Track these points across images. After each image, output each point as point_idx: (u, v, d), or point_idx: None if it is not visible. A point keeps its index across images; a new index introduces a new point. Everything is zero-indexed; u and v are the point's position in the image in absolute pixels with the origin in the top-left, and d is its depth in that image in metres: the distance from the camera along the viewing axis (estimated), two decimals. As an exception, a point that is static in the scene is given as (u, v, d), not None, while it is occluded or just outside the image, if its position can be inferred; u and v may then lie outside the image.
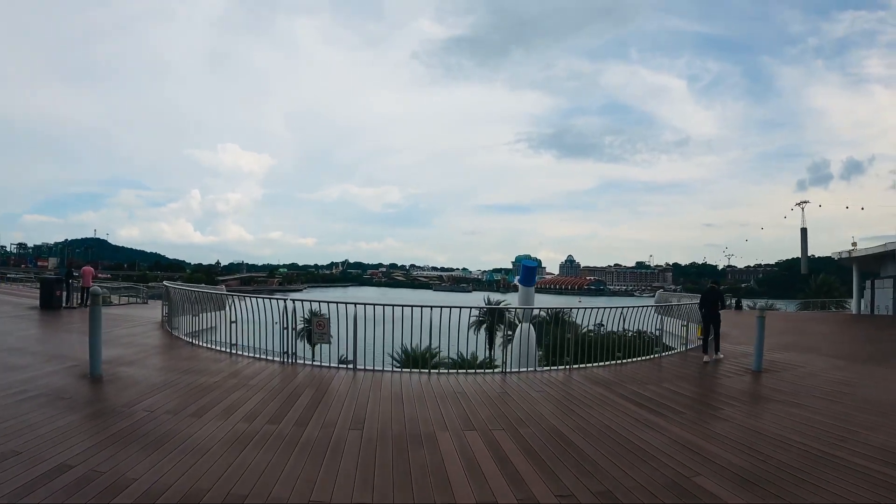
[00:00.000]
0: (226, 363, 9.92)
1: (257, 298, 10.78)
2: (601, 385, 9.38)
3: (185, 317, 12.96)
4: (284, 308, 10.13)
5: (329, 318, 9.85)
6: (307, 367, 9.82)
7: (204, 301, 12.60)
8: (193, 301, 12.75)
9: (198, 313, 12.46)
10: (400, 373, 9.79)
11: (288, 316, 10.10)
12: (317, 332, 9.74)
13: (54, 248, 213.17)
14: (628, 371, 11.05)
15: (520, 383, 9.36)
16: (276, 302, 10.51)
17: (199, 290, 13.00)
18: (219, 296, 12.57)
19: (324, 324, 9.70)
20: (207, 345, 11.84)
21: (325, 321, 9.73)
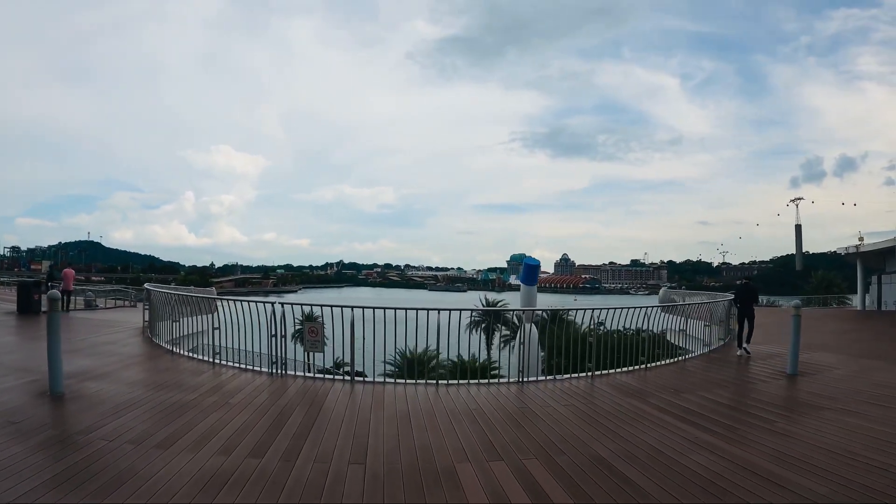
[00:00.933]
0: (207, 376, 8.80)
1: (242, 302, 9.60)
2: (632, 395, 8.39)
3: (167, 322, 11.79)
4: (273, 312, 8.99)
5: (323, 323, 8.72)
6: (298, 378, 8.71)
7: (187, 305, 11.42)
8: (175, 305, 11.57)
9: (178, 318, 11.28)
10: (404, 385, 8.64)
11: (277, 321, 8.96)
12: (309, 339, 8.61)
13: (48, 251, 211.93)
14: (654, 377, 10.14)
15: (540, 395, 8.29)
16: (264, 306, 9.35)
17: (181, 293, 11.80)
18: (203, 299, 11.39)
19: (317, 330, 8.58)
20: (189, 353, 10.72)
21: (319, 327, 8.61)
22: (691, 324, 13.77)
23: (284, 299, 9.78)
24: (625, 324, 11.55)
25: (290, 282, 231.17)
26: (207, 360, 9.94)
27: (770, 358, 12.23)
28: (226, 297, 10.56)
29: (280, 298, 77.31)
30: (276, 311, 8.92)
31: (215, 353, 9.83)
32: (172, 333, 11.28)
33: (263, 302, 9.07)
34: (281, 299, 10.37)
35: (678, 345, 13.21)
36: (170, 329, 11.37)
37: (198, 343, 10.77)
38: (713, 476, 4.84)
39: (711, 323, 13.71)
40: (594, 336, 10.58)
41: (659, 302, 38.62)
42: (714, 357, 12.63)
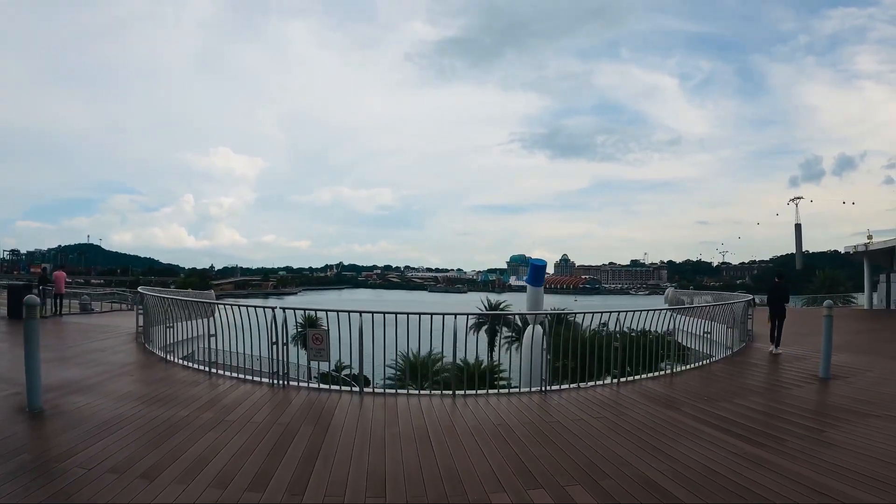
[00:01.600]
0: (203, 387, 8.09)
1: (240, 307, 8.87)
2: (664, 404, 7.75)
3: (161, 328, 11.07)
4: (273, 318, 8.28)
5: (328, 330, 8.00)
6: (302, 390, 8.00)
7: (183, 309, 10.70)
8: (171, 309, 10.85)
9: (173, 324, 10.57)
10: (417, 396, 7.92)
11: (278, 327, 8.25)
12: (313, 347, 7.89)
13: (47, 253, 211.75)
14: (682, 384, 9.50)
15: (566, 405, 7.61)
16: (263, 311, 8.59)
17: (176, 297, 11.07)
18: (201, 304, 10.67)
19: (321, 338, 7.86)
20: (184, 362, 10.03)
21: (324, 334, 7.89)
22: (712, 326, 13.07)
23: (285, 303, 9.24)
24: (631, 325, 10.82)
25: (289, 284, 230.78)
26: (203, 369, 9.25)
27: (797, 360, 11.74)
28: (223, 301, 9.84)
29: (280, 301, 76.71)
30: (277, 317, 8.19)
31: (212, 363, 9.14)
32: (167, 339, 10.56)
33: (263, 307, 8.34)
34: (282, 303, 9.83)
35: (696, 349, 12.51)
36: (164, 335, 10.65)
37: (194, 349, 10.09)
38: (773, 496, 4.32)
39: (734, 325, 13.03)
40: (617, 340, 9.95)
41: (665, 302, 38.13)
42: (738, 360, 12.04)
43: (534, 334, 18.20)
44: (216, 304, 9.75)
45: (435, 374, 29.13)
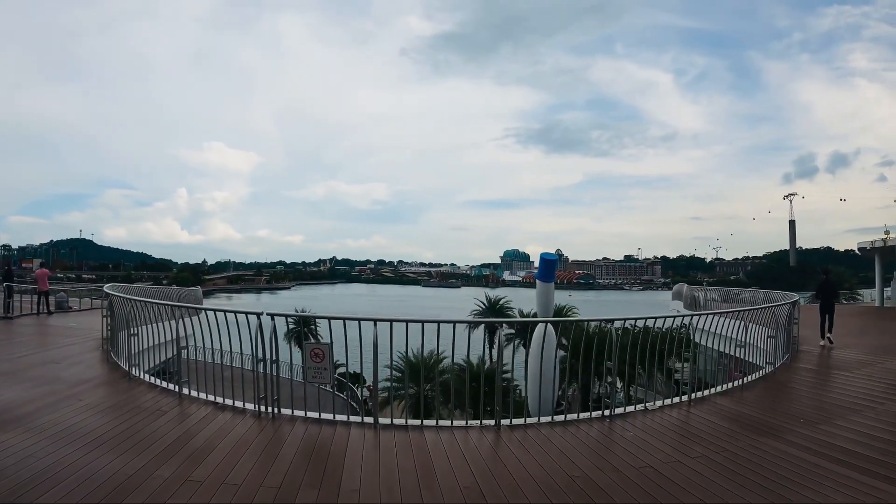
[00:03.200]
0: (170, 418, 6.26)
1: (215, 312, 6.85)
2: (760, 430, 6.29)
3: (131, 336, 9.08)
4: (259, 326, 6.32)
5: (331, 342, 6.10)
6: (297, 421, 6.13)
7: (156, 314, 8.68)
8: (143, 311, 8.84)
9: (137, 332, 8.63)
10: (450, 429, 6.03)
11: (266, 339, 6.28)
12: (313, 365, 5.99)
13: (40, 249, 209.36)
14: (756, 399, 8.07)
15: (645, 438, 5.91)
16: (247, 318, 6.50)
17: (147, 301, 8.99)
18: (175, 307, 8.69)
19: (323, 353, 5.97)
20: (152, 378, 8.19)
21: (325, 350, 6.01)
22: (756, 331, 11.30)
23: (274, 307, 7.67)
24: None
25: (283, 278, 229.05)
26: (174, 388, 7.42)
27: (864, 365, 10.69)
28: (199, 306, 7.93)
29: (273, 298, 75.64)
30: (264, 325, 6.29)
31: (183, 381, 7.31)
32: (132, 348, 8.64)
33: (246, 313, 6.40)
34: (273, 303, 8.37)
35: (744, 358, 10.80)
36: (130, 344, 8.72)
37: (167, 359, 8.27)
38: None
39: (780, 330, 11.22)
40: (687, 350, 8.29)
41: (675, 299, 36.62)
42: (803, 368, 10.62)
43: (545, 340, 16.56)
44: (193, 310, 7.77)
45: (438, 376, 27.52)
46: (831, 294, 14.20)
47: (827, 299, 13.88)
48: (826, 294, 14.08)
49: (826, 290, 14.21)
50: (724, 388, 8.53)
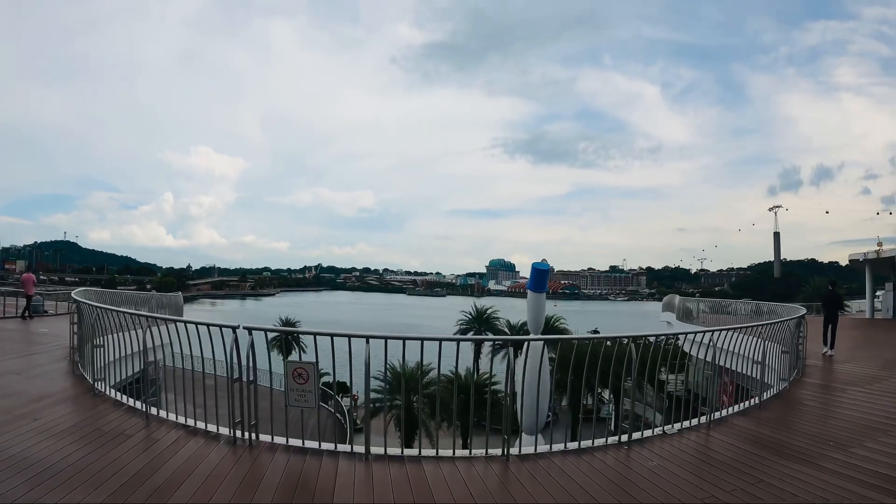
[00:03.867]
0: (134, 444, 5.49)
1: (188, 324, 6.13)
2: (789, 456, 5.77)
3: (95, 347, 8.26)
4: (235, 341, 5.54)
5: (316, 361, 5.36)
6: (278, 450, 5.41)
7: (124, 323, 7.85)
8: (113, 320, 7.99)
9: (103, 343, 7.80)
10: (452, 460, 5.33)
11: (242, 356, 5.48)
12: (295, 387, 5.24)
13: (23, 250, 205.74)
14: (776, 420, 7.55)
15: (669, 468, 5.30)
16: (221, 332, 5.71)
17: (118, 310, 8.14)
18: (145, 318, 7.87)
19: (307, 374, 5.25)
20: (119, 395, 7.41)
21: (310, 368, 5.28)
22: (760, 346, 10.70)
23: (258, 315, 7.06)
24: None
25: (268, 285, 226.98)
26: (140, 408, 6.65)
27: (878, 381, 10.34)
28: (172, 318, 7.12)
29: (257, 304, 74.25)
30: (240, 340, 5.52)
31: (151, 398, 6.56)
32: (96, 361, 7.84)
33: (221, 326, 5.65)
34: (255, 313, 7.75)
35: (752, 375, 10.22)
36: (97, 356, 7.93)
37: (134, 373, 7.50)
38: None
39: (793, 348, 10.66)
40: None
41: (666, 310, 36.21)
42: (812, 385, 10.15)
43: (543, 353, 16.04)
44: (165, 320, 6.98)
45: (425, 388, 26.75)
46: (836, 305, 14.67)
47: (832, 311, 14.19)
48: (831, 305, 14.42)
49: (831, 302, 14.62)
50: (741, 408, 7.96)
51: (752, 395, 8.47)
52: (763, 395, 8.46)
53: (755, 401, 8.26)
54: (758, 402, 8.17)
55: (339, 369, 5.71)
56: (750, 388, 8.91)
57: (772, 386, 9.13)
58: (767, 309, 18.60)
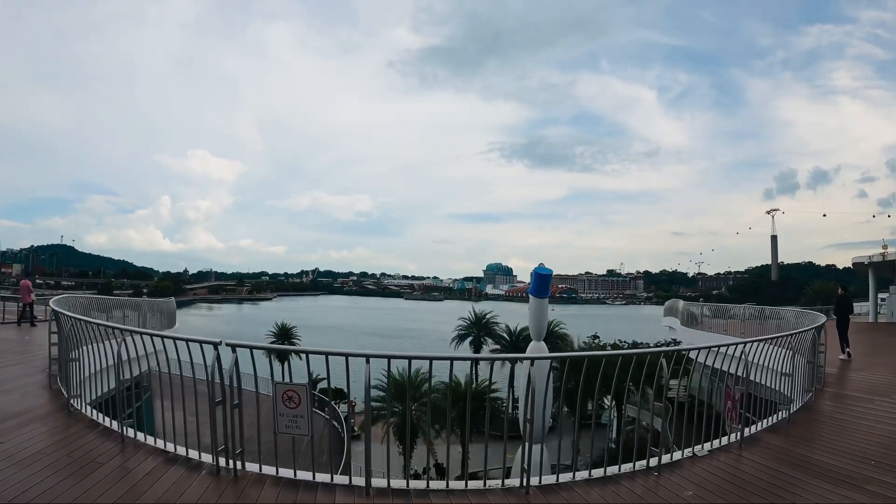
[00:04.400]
0: (106, 473, 4.86)
1: (162, 339, 5.53)
2: (833, 479, 5.30)
3: (70, 361, 7.61)
4: (217, 359, 4.86)
5: (308, 382, 4.70)
6: (266, 481, 4.81)
7: (102, 335, 7.19)
8: (86, 332, 7.34)
9: (78, 357, 7.15)
10: (464, 494, 4.76)
11: (223, 378, 4.85)
12: (285, 411, 4.59)
13: (20, 254, 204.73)
14: (809, 436, 7.03)
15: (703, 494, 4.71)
16: (202, 349, 5.04)
17: (99, 324, 7.42)
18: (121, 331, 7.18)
19: (298, 397, 4.64)
20: (96, 415, 6.77)
21: (301, 393, 4.67)
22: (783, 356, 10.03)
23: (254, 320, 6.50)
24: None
25: (265, 289, 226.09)
26: (117, 430, 6.02)
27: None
28: (151, 332, 6.43)
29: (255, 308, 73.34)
30: (222, 358, 4.87)
31: (127, 419, 5.94)
32: (71, 376, 7.20)
33: (201, 342, 5.04)
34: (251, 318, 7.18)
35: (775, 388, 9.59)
36: (70, 370, 7.28)
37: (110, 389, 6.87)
38: None
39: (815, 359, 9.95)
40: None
41: (669, 315, 35.61)
42: (833, 398, 9.47)
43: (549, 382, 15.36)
44: (131, 333, 6.26)
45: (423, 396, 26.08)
46: (847, 309, 14.85)
47: (844, 315, 14.42)
48: (843, 310, 14.65)
49: (842, 306, 14.84)
50: (769, 423, 7.38)
51: (780, 408, 7.90)
52: (790, 408, 7.91)
53: (783, 414, 7.71)
54: (786, 417, 7.62)
55: (336, 378, 5.10)
56: (775, 400, 8.34)
57: (794, 399, 8.56)
58: (769, 313, 18.32)
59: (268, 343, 48.56)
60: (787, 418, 7.60)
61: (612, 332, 58.80)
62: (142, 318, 18.49)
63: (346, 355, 4.58)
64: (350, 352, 4.56)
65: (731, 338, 14.52)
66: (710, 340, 20.90)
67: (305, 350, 4.72)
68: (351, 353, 4.57)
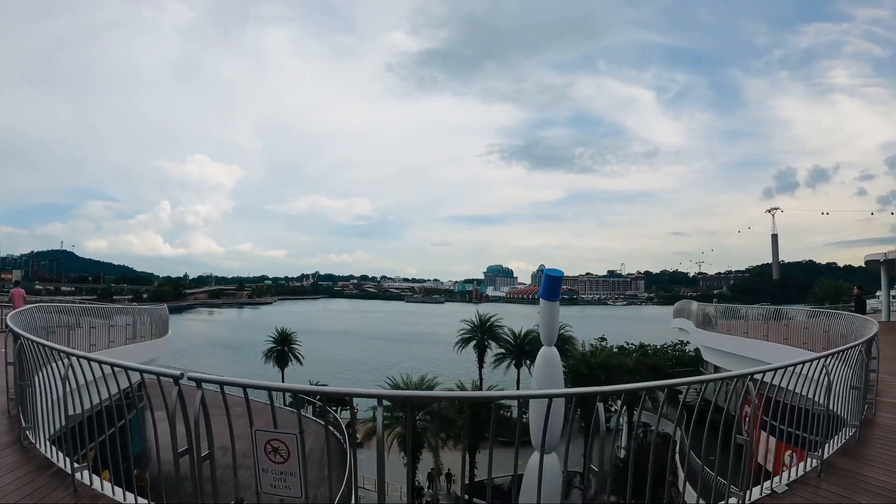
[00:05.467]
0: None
1: (114, 368, 4.33)
2: None
3: (21, 385, 6.45)
4: (178, 395, 3.61)
5: (299, 437, 3.55)
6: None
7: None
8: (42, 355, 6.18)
9: (31, 381, 6.03)
10: None
11: (190, 417, 3.62)
12: (270, 466, 3.47)
13: (20, 260, 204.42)
14: (888, 458, 5.96)
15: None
16: (159, 382, 3.94)
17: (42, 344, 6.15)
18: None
19: (286, 448, 3.45)
20: (51, 452, 5.68)
21: (290, 443, 3.44)
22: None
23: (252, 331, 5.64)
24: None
25: (265, 293, 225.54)
26: (70, 472, 4.95)
27: None
28: (99, 358, 5.19)
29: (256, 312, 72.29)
30: (188, 396, 3.70)
31: (80, 459, 4.87)
32: (26, 404, 6.11)
33: (158, 375, 3.73)
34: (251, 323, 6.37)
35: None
36: (25, 397, 6.20)
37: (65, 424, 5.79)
38: None
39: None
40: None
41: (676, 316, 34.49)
42: (886, 410, 8.34)
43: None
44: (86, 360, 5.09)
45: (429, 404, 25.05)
46: (862, 308, 15.82)
47: (862, 313, 14.95)
48: (859, 309, 15.63)
49: (859, 305, 15.95)
50: (838, 445, 6.35)
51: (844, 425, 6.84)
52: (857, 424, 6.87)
53: (850, 432, 6.68)
54: (855, 436, 6.59)
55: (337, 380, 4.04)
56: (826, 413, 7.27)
57: (859, 414, 7.51)
58: (776, 312, 17.71)
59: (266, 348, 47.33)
60: (857, 437, 6.58)
61: (618, 334, 57.73)
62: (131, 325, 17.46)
63: (349, 395, 3.52)
64: (358, 392, 3.49)
65: (805, 352, 13.58)
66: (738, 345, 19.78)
67: (293, 388, 3.63)
68: (358, 392, 3.49)
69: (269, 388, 3.21)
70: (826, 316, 14.67)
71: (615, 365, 29.19)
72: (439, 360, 62.81)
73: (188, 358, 61.09)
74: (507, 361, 43.72)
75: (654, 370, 31.78)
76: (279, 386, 3.09)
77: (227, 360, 70.84)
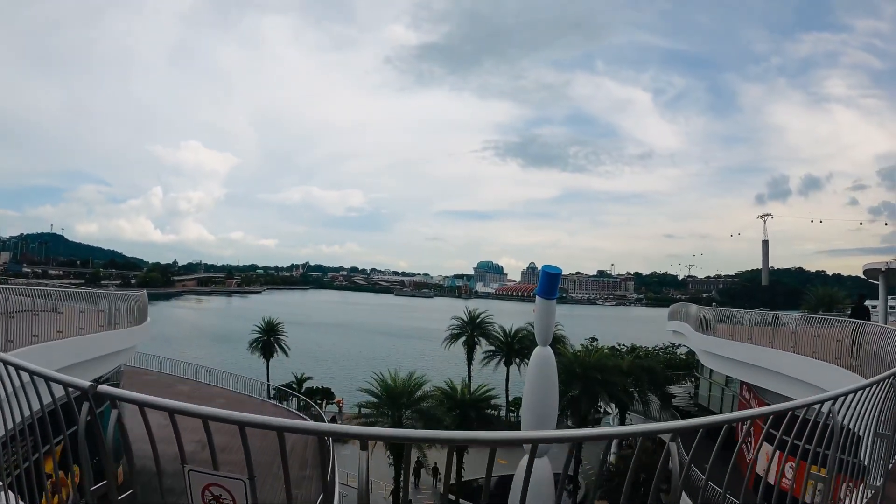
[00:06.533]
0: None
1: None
2: None
3: None
4: (90, 411, 2.38)
5: (249, 483, 2.31)
6: None
7: None
8: None
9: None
10: None
11: (105, 447, 2.45)
12: None
13: (8, 242, 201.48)
14: None
15: None
16: (67, 391, 2.67)
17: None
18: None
19: (230, 497, 2.29)
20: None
21: (236, 489, 2.30)
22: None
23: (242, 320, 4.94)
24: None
25: (254, 282, 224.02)
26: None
27: None
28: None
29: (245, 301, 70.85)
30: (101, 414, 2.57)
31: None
32: None
33: (65, 384, 2.64)
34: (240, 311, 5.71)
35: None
36: None
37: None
38: None
39: None
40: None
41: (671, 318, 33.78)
42: None
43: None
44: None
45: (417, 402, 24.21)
46: (865, 317, 15.32)
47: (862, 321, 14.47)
48: (860, 316, 15.04)
49: (861, 314, 15.56)
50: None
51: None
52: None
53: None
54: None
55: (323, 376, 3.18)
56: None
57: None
58: (774, 318, 18.29)
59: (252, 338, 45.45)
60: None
61: (608, 334, 57.35)
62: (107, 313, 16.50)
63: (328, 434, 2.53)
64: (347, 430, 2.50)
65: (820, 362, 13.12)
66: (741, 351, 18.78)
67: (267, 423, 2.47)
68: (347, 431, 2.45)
69: (203, 417, 2.13)
70: (840, 325, 14.02)
71: (610, 366, 28.55)
72: (428, 355, 62.07)
73: (174, 345, 59.92)
74: (497, 359, 42.91)
75: (648, 372, 31.31)
76: (215, 414, 2.00)
77: (213, 350, 69.66)
